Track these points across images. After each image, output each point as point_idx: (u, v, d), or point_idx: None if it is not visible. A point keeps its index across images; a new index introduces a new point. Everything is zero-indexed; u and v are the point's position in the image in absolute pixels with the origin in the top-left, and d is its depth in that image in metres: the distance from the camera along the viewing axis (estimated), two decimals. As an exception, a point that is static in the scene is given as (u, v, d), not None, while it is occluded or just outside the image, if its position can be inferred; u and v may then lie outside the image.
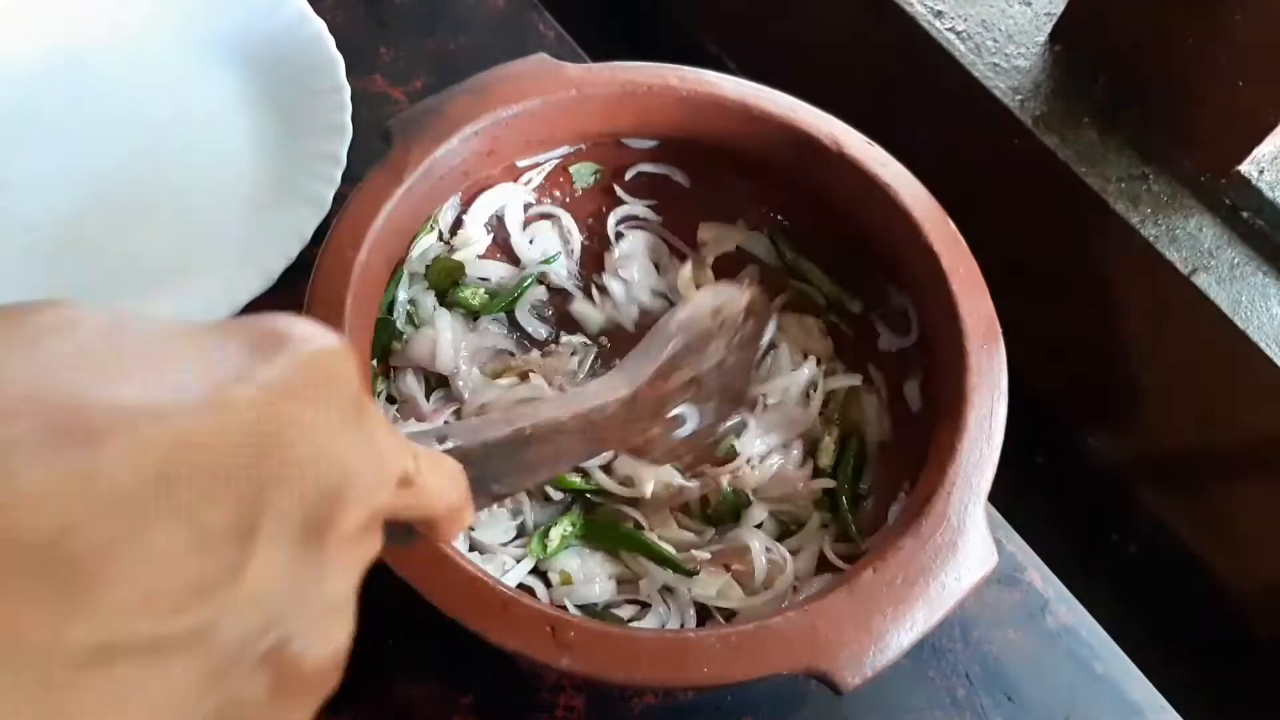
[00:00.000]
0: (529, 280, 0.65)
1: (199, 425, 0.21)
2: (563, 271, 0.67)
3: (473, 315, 0.64)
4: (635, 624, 0.56)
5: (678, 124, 0.64)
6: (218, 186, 0.70)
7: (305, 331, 0.25)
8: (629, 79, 0.63)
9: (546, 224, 0.68)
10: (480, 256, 0.65)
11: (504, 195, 0.65)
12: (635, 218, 0.69)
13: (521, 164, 0.65)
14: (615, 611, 0.56)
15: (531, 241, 0.67)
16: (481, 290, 0.64)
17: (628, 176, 0.68)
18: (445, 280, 0.63)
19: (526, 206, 0.67)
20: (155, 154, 0.71)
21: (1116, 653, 0.62)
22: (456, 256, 0.64)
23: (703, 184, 0.68)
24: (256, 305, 0.64)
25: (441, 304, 0.63)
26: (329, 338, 0.25)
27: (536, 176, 0.66)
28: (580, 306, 0.66)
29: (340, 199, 0.66)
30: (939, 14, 0.77)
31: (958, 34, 0.76)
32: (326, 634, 0.26)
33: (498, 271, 0.66)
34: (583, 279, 0.68)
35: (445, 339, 0.60)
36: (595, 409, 0.46)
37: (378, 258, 0.57)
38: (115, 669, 0.20)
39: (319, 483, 0.23)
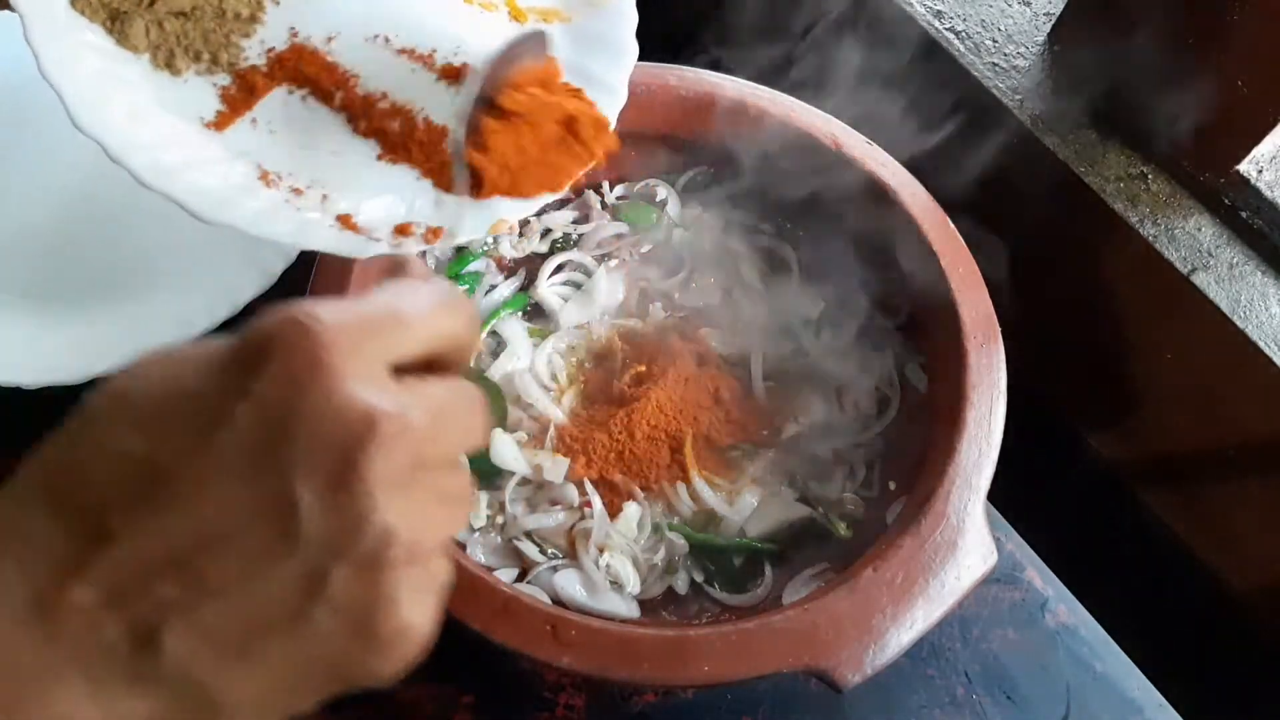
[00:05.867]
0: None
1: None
2: None
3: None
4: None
5: (678, 124, 0.64)
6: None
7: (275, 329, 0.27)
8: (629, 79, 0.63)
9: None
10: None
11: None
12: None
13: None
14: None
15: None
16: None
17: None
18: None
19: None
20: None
21: (1116, 652, 0.62)
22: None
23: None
24: (257, 304, 0.64)
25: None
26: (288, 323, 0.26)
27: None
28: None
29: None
30: (939, 14, 0.77)
31: (957, 34, 0.76)
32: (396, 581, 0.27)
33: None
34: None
35: None
36: None
37: (378, 258, 0.57)
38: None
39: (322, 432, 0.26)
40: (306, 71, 0.47)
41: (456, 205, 0.47)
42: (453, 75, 0.50)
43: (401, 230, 0.45)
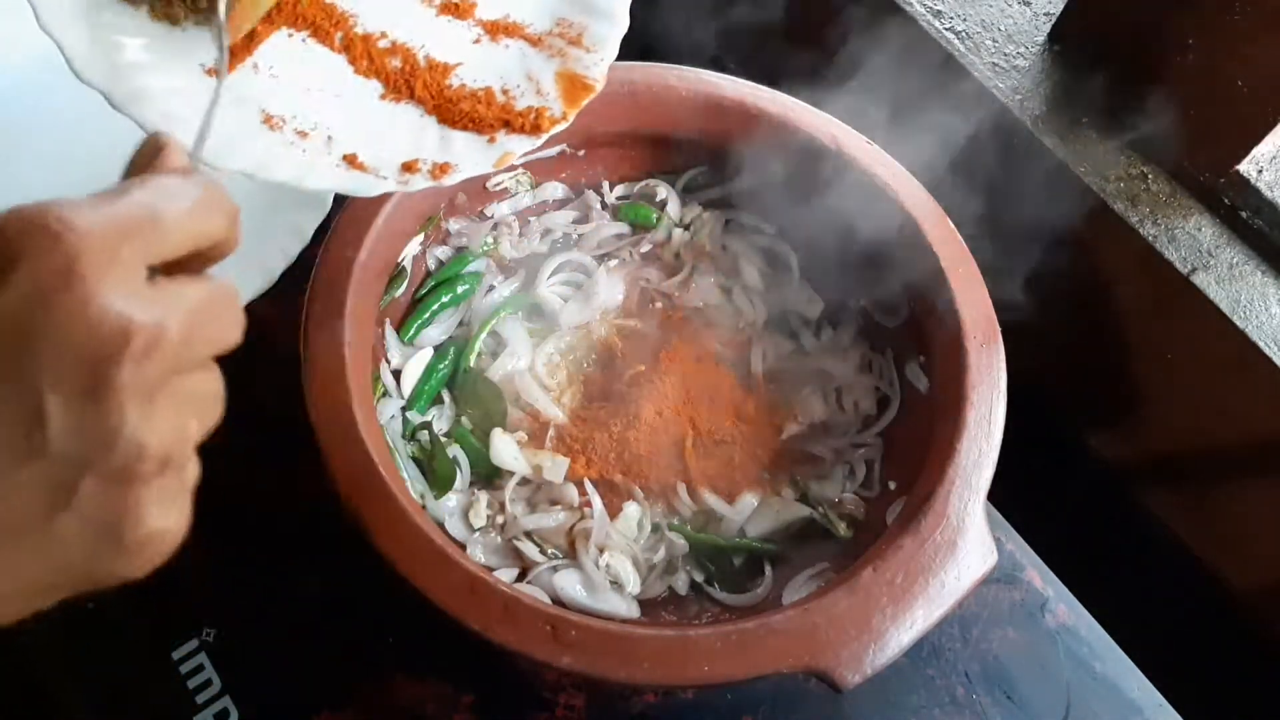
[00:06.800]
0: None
1: None
2: None
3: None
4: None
5: (678, 124, 0.64)
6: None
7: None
8: (629, 79, 0.63)
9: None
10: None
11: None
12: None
13: (519, 163, 0.65)
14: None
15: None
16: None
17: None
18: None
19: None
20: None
21: (1116, 652, 0.62)
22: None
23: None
24: (257, 304, 0.64)
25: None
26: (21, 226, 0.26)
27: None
28: None
29: (340, 199, 0.66)
30: (939, 14, 0.77)
31: (957, 34, 0.76)
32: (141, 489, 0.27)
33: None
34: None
35: None
36: None
37: (377, 258, 0.57)
38: None
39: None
40: (305, 14, 0.47)
41: (463, 141, 0.46)
42: (453, 10, 0.50)
43: (408, 167, 0.45)
